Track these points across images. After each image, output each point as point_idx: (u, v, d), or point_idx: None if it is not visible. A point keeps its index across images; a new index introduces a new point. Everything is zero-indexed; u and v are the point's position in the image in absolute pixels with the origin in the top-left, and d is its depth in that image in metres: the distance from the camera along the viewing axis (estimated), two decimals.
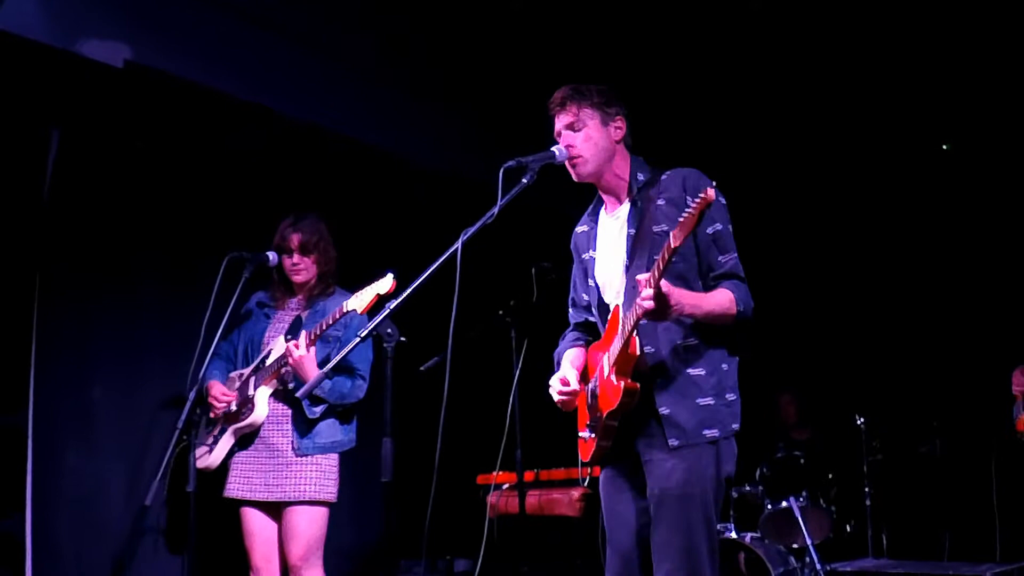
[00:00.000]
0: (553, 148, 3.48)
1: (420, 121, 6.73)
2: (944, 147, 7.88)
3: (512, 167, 3.34)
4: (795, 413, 7.82)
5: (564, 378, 3.53)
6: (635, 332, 3.24)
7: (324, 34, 6.08)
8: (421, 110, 6.74)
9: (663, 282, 3.08)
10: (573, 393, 3.51)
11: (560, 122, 3.53)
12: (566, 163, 3.49)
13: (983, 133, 7.45)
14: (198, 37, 5.43)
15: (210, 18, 5.50)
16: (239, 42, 5.62)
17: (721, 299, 3.31)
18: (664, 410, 3.31)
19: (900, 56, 6.72)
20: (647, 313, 3.11)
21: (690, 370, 3.33)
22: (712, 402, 3.32)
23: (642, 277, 3.13)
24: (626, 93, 3.61)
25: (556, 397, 3.55)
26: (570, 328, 3.81)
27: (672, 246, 2.99)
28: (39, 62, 4.87)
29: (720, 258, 3.38)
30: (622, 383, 3.26)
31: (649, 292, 3.07)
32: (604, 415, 3.34)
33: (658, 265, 3.05)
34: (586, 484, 5.46)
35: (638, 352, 3.27)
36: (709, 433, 3.29)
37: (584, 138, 3.47)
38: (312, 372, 4.50)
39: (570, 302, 3.80)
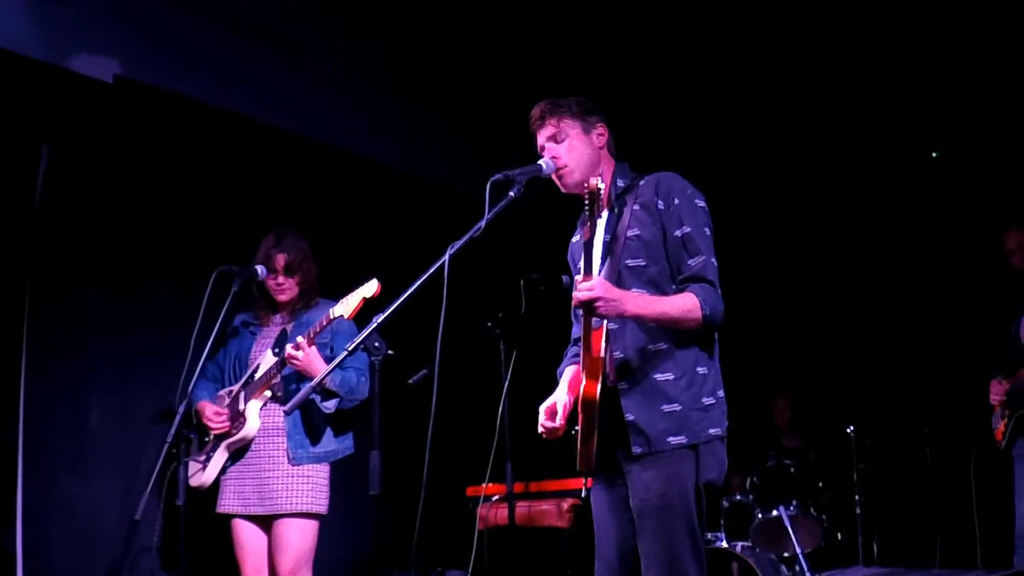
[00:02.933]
0: (540, 161, 3.49)
1: (410, 132, 6.75)
2: (933, 155, 7.91)
3: (499, 180, 3.35)
4: (790, 418, 7.82)
5: (551, 408, 3.49)
6: (590, 333, 3.24)
7: (316, 46, 6.10)
8: (411, 122, 6.77)
9: (598, 277, 3.16)
10: (554, 430, 3.45)
11: (542, 136, 3.54)
12: (553, 175, 3.51)
13: (973, 141, 7.48)
14: (188, 51, 5.45)
15: (200, 32, 5.52)
16: (229, 55, 5.65)
17: (680, 302, 3.29)
18: (629, 416, 3.30)
19: (894, 61, 6.74)
20: (579, 304, 3.16)
21: (657, 375, 3.31)
22: (679, 408, 3.28)
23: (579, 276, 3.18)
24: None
25: (540, 429, 3.51)
26: (572, 343, 3.79)
27: None
28: (29, 77, 4.89)
29: (689, 261, 3.35)
30: (582, 388, 3.25)
31: (584, 285, 3.12)
32: (580, 420, 3.32)
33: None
34: (583, 496, 5.46)
35: (601, 355, 3.26)
36: (674, 440, 3.26)
37: (568, 148, 3.49)
38: (320, 366, 4.49)
39: (572, 313, 3.79)
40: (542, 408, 3.52)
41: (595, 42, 6.45)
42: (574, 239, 3.75)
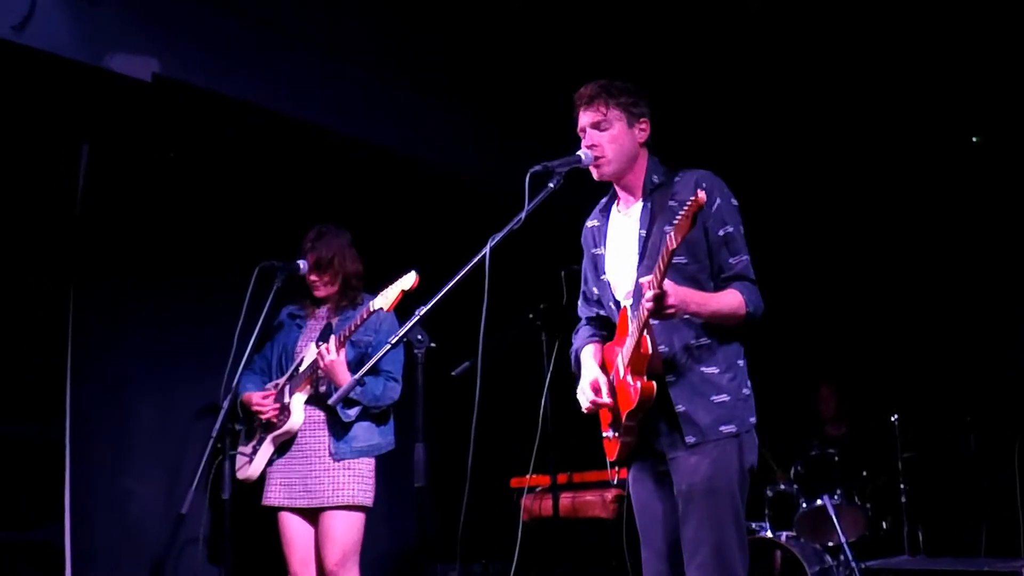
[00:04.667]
0: (579, 152, 3.47)
1: (447, 130, 6.74)
2: (974, 139, 7.82)
3: (538, 171, 3.34)
4: (835, 407, 7.77)
5: (596, 382, 3.51)
6: (645, 332, 3.25)
7: (352, 44, 6.10)
8: (449, 120, 6.76)
9: (666, 282, 3.12)
10: (604, 405, 3.49)
11: (585, 118, 3.51)
12: (591, 166, 3.49)
13: (1015, 126, 7.39)
14: (226, 49, 5.47)
15: (237, 30, 5.54)
16: (266, 53, 5.66)
17: (730, 300, 3.34)
18: (680, 407, 3.33)
19: (909, 51, 6.67)
20: (651, 313, 3.14)
21: (704, 368, 3.36)
22: (728, 399, 3.35)
23: (645, 280, 3.15)
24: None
25: (585, 404, 3.54)
26: (582, 323, 3.82)
27: (670, 248, 3.04)
28: (68, 78, 4.92)
29: (731, 260, 3.40)
30: (638, 383, 3.28)
31: (650, 294, 3.10)
32: (624, 415, 3.35)
33: (659, 266, 3.09)
34: (615, 484, 5.46)
35: (650, 351, 3.27)
36: (726, 429, 3.33)
37: (609, 139, 3.47)
38: (343, 375, 4.53)
39: (581, 296, 3.82)
40: (586, 385, 3.53)
41: (594, 41, 6.44)
42: (590, 223, 3.74)
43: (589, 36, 6.40)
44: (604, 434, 3.58)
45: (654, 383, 3.28)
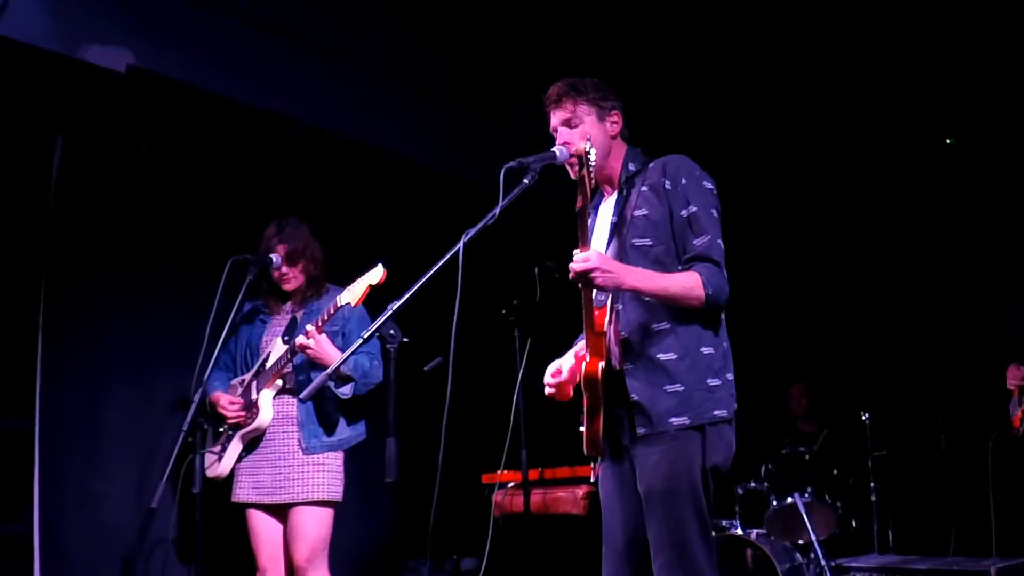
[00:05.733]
0: (554, 148, 3.47)
1: (421, 120, 6.74)
2: (948, 141, 7.87)
3: (513, 168, 3.33)
4: (806, 405, 7.81)
5: (557, 368, 3.53)
6: (591, 309, 3.25)
7: (328, 37, 6.10)
8: (422, 110, 6.75)
9: (594, 251, 3.17)
10: (558, 385, 3.49)
11: (556, 118, 3.53)
12: (566, 163, 3.50)
13: (987, 128, 7.45)
14: (200, 41, 5.45)
15: (212, 22, 5.52)
16: (241, 45, 5.64)
17: (682, 279, 3.28)
18: (634, 396, 3.29)
19: (901, 52, 6.72)
20: (577, 278, 3.17)
21: (661, 355, 3.29)
22: (681, 388, 3.26)
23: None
24: (626, 92, 3.62)
25: (546, 390, 3.54)
26: None
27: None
28: (43, 68, 4.89)
29: (694, 240, 3.33)
30: (583, 366, 3.26)
31: (580, 256, 3.14)
32: (585, 401, 3.32)
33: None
34: (593, 481, 5.47)
35: (604, 330, 3.27)
36: (677, 421, 3.24)
37: (581, 135, 3.45)
38: (332, 352, 4.50)
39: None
40: (548, 371, 3.54)
41: (594, 41, 6.45)
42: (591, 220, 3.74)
43: (582, 33, 6.42)
44: (581, 428, 3.57)
45: (599, 364, 3.23)
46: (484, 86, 6.84)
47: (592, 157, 3.19)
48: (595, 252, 3.19)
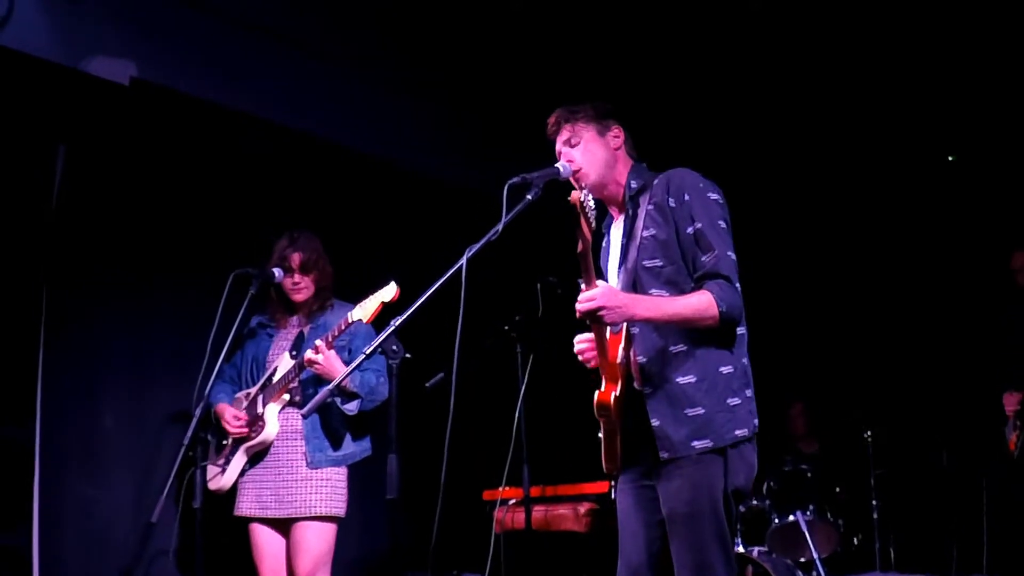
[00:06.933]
0: (557, 164, 3.46)
1: (427, 135, 6.75)
2: (950, 158, 7.87)
3: (517, 183, 3.30)
4: (805, 424, 7.80)
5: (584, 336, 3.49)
6: (604, 339, 3.24)
7: (331, 49, 6.10)
8: (429, 124, 6.76)
9: (599, 284, 3.15)
10: (589, 341, 3.42)
11: (559, 142, 3.53)
12: (571, 178, 3.49)
13: (990, 145, 7.45)
14: (204, 53, 5.47)
15: (216, 34, 5.53)
16: (245, 58, 5.65)
17: (693, 301, 3.23)
18: (655, 421, 3.26)
19: (902, 57, 6.71)
20: (585, 317, 3.16)
21: (680, 378, 3.26)
22: (703, 412, 3.23)
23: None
24: (626, 95, 3.62)
25: (580, 356, 3.50)
26: None
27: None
28: (46, 80, 4.91)
29: (703, 257, 3.28)
30: (597, 393, 3.25)
31: (583, 297, 3.13)
32: (601, 423, 3.31)
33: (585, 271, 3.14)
34: (611, 496, 5.44)
35: (619, 360, 3.25)
36: (699, 444, 3.21)
37: (583, 151, 3.46)
38: (341, 369, 4.47)
39: None
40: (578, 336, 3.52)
41: (595, 43, 6.45)
42: (604, 244, 3.72)
43: (582, 39, 6.40)
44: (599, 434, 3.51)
45: (611, 394, 3.22)
46: (492, 98, 6.83)
47: (590, 203, 3.18)
48: (600, 289, 3.16)
